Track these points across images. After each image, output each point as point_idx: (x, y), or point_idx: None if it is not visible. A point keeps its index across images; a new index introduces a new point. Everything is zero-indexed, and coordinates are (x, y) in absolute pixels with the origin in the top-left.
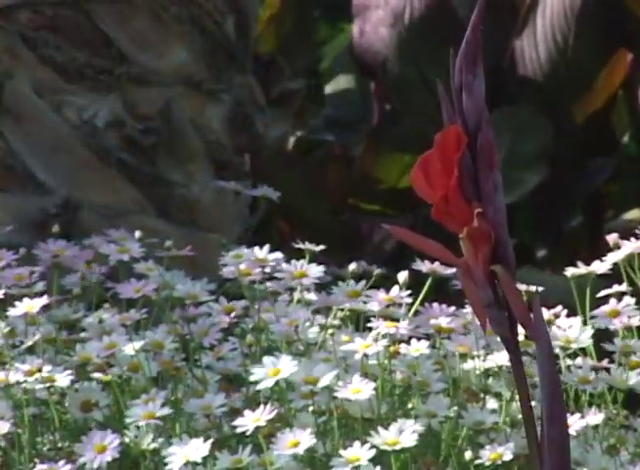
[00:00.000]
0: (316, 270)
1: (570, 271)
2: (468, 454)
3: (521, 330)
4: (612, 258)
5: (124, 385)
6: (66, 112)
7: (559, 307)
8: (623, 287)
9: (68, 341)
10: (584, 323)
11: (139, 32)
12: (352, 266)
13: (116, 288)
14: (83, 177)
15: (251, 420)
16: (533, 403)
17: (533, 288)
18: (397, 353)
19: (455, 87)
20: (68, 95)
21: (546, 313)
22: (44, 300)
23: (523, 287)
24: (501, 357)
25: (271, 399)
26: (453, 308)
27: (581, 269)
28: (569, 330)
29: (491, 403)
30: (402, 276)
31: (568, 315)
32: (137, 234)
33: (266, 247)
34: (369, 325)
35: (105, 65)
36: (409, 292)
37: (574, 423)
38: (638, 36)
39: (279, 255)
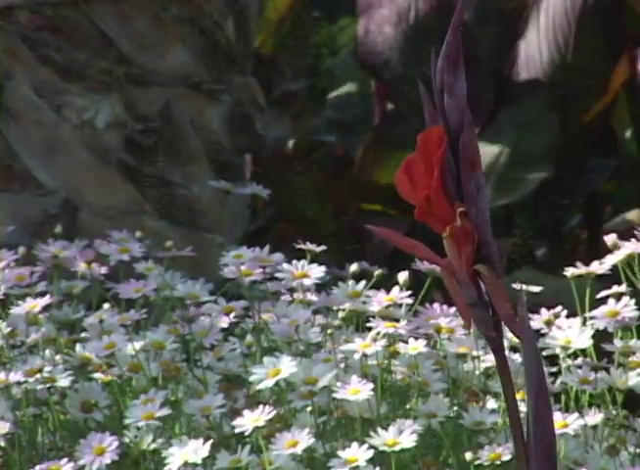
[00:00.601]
0: (317, 271)
1: (569, 272)
2: (468, 454)
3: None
4: (611, 259)
5: (125, 385)
6: (66, 112)
7: (558, 308)
8: (623, 288)
9: (69, 341)
10: (583, 324)
11: (139, 33)
12: (353, 267)
13: (116, 288)
14: (83, 177)
15: (249, 420)
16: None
17: (532, 288)
18: (397, 354)
19: (436, 88)
20: (68, 95)
21: (545, 314)
22: (46, 299)
23: (521, 287)
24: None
25: (271, 399)
26: (454, 309)
27: (581, 270)
28: (568, 330)
29: (491, 403)
30: (403, 276)
31: (567, 316)
32: (138, 234)
33: (267, 247)
34: (368, 325)
35: (105, 65)
36: (409, 292)
37: (572, 423)
38: None
39: (279, 255)
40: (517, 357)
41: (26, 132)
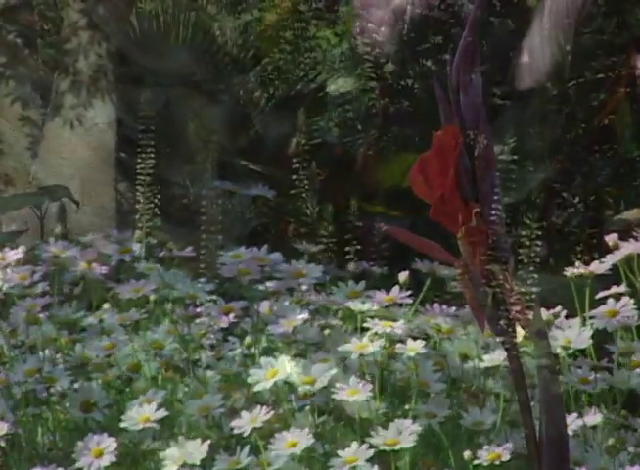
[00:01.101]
0: (316, 270)
1: (569, 272)
2: (467, 454)
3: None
4: (611, 259)
5: (124, 385)
6: (66, 112)
7: (558, 308)
8: (622, 288)
9: (69, 341)
10: (583, 324)
11: (139, 33)
12: (353, 267)
13: (116, 288)
14: (83, 177)
15: (248, 421)
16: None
17: (533, 288)
18: (396, 354)
19: (452, 86)
20: (65, 94)
21: (546, 314)
22: (46, 299)
23: (522, 287)
24: (498, 357)
25: (270, 399)
26: (454, 309)
27: (581, 270)
28: (568, 330)
29: (491, 404)
30: (403, 276)
31: (567, 316)
32: (137, 234)
33: (264, 247)
34: (366, 325)
35: (105, 65)
36: (409, 292)
37: (572, 422)
38: None
39: (278, 254)
40: None
41: (26, 133)
